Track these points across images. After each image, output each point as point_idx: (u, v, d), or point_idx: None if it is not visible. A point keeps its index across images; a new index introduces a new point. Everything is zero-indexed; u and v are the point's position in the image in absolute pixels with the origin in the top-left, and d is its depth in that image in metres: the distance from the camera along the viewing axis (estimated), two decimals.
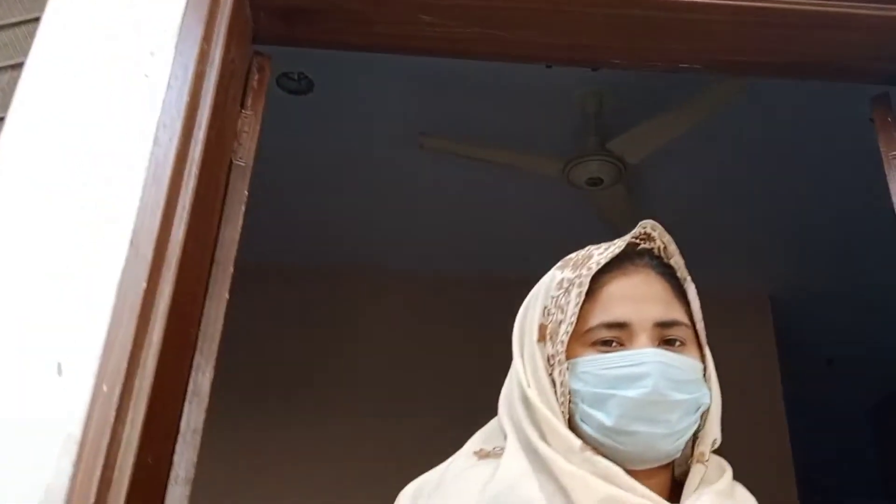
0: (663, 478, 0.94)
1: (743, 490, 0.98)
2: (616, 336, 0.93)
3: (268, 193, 3.18)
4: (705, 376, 0.96)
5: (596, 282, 0.96)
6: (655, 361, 0.90)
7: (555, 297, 0.97)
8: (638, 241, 1.02)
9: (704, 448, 0.94)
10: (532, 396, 0.93)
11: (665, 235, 1.02)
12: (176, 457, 1.18)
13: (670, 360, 0.91)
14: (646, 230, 1.02)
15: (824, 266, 3.67)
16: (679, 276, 1.00)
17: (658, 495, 0.89)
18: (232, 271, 1.32)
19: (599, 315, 0.94)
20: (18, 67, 1.25)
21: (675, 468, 0.97)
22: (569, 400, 0.93)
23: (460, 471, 0.96)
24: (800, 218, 3.40)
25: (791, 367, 3.79)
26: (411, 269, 3.73)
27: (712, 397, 0.96)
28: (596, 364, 0.92)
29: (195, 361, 1.24)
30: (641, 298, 0.95)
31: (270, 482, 3.31)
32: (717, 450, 0.98)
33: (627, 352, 0.92)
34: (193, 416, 1.22)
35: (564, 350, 0.94)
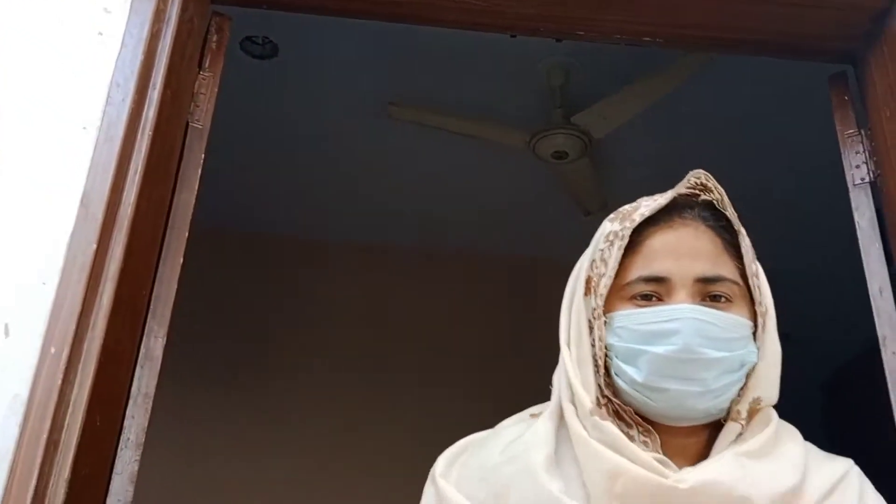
0: (701, 437, 0.91)
1: (791, 444, 0.94)
2: (655, 290, 0.91)
3: (230, 160, 3.17)
4: (756, 334, 0.92)
5: (641, 234, 0.94)
6: (689, 318, 0.87)
7: (601, 251, 0.95)
8: (696, 192, 0.98)
9: (742, 406, 0.91)
10: (564, 354, 0.93)
11: (720, 187, 0.98)
12: (126, 421, 1.17)
13: (707, 317, 0.88)
14: (700, 180, 0.98)
15: (782, 241, 3.71)
16: (735, 229, 0.96)
17: (690, 456, 0.89)
18: (187, 235, 1.31)
19: (639, 269, 0.92)
20: None
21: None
22: (605, 355, 0.92)
23: (503, 428, 0.98)
24: (759, 193, 3.43)
25: None
26: (371, 240, 3.72)
27: (764, 355, 0.92)
28: (631, 319, 0.90)
29: (148, 326, 1.23)
30: (685, 253, 0.92)
31: (220, 447, 3.31)
32: None
33: (662, 307, 0.90)
34: (145, 381, 1.21)
35: (603, 304, 0.92)
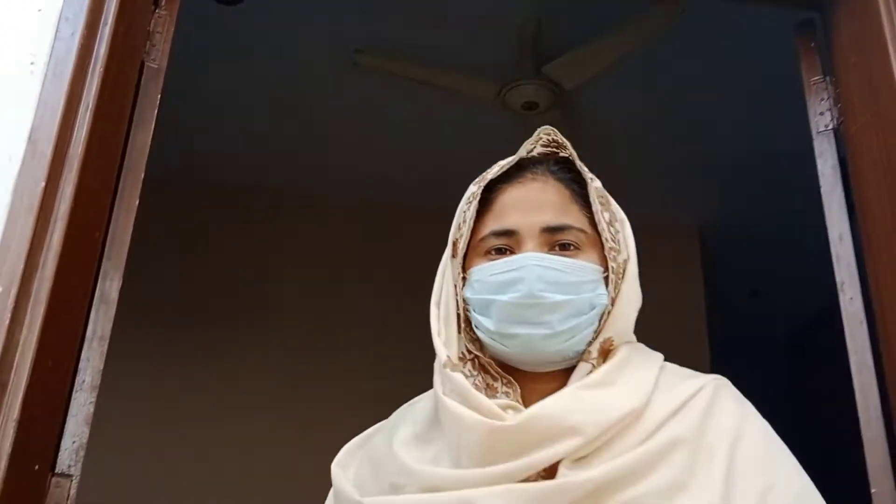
0: (564, 381, 0.93)
1: (643, 370, 0.95)
2: (506, 243, 0.96)
3: (193, 107, 3.12)
4: (609, 278, 0.96)
5: (494, 192, 0.99)
6: (532, 265, 0.92)
7: (463, 212, 1.00)
8: (539, 150, 1.04)
9: (594, 347, 0.94)
10: (432, 313, 0.98)
11: (566, 141, 1.04)
12: (81, 363, 1.16)
13: (550, 263, 0.93)
14: (550, 136, 1.04)
15: (752, 197, 3.73)
16: (584, 179, 1.01)
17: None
18: (143, 177, 1.28)
19: (491, 224, 0.98)
20: None
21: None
22: (464, 309, 0.97)
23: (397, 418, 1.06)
24: (731, 148, 3.44)
25: (716, 298, 3.88)
26: (334, 191, 3.68)
27: (620, 299, 0.96)
28: (484, 272, 0.95)
29: (103, 268, 1.21)
30: (531, 205, 0.97)
31: (181, 391, 3.31)
32: None
33: (509, 258, 0.94)
34: (100, 323, 1.19)
35: (462, 262, 0.98)
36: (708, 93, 3.13)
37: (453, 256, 1.00)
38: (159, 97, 1.33)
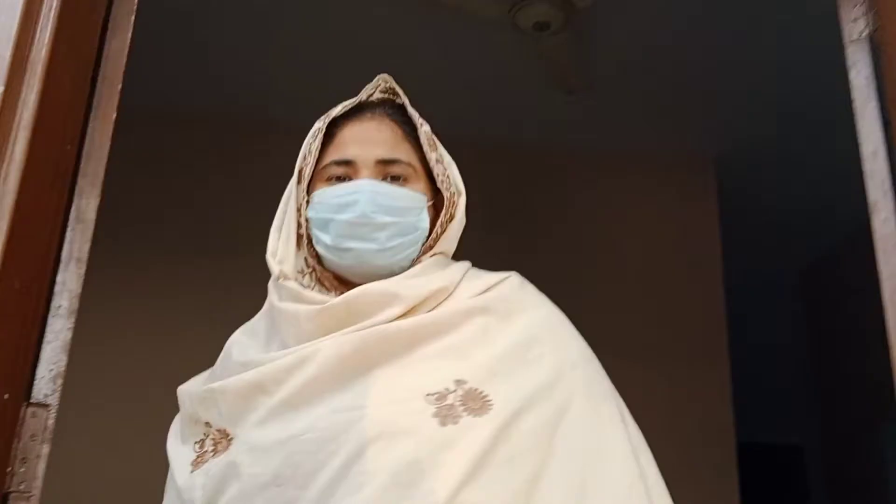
0: None
1: (452, 269, 1.14)
2: (345, 172, 1.13)
3: (176, 30, 2.99)
4: (434, 206, 1.15)
5: (337, 127, 1.15)
6: (367, 190, 1.09)
7: (309, 144, 1.16)
8: (377, 94, 1.21)
9: (424, 258, 1.13)
10: (270, 237, 1.13)
11: (399, 88, 1.21)
12: (57, 287, 1.09)
13: (382, 190, 1.10)
14: (388, 84, 1.22)
15: (770, 126, 3.61)
16: (415, 123, 1.17)
17: None
18: (121, 88, 1.19)
19: (332, 154, 1.14)
20: None
21: None
22: (307, 228, 1.13)
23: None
24: (748, 75, 3.30)
25: (731, 229, 3.79)
26: None
27: (452, 222, 1.14)
28: (325, 194, 1.12)
29: (78, 185, 1.12)
30: (368, 140, 1.13)
31: (161, 317, 3.27)
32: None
33: (348, 183, 1.11)
34: (77, 245, 1.11)
35: (306, 186, 1.14)
36: (727, 17, 2.98)
37: (298, 182, 1.15)
38: (136, 2, 1.23)
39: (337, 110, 1.17)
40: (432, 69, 3.23)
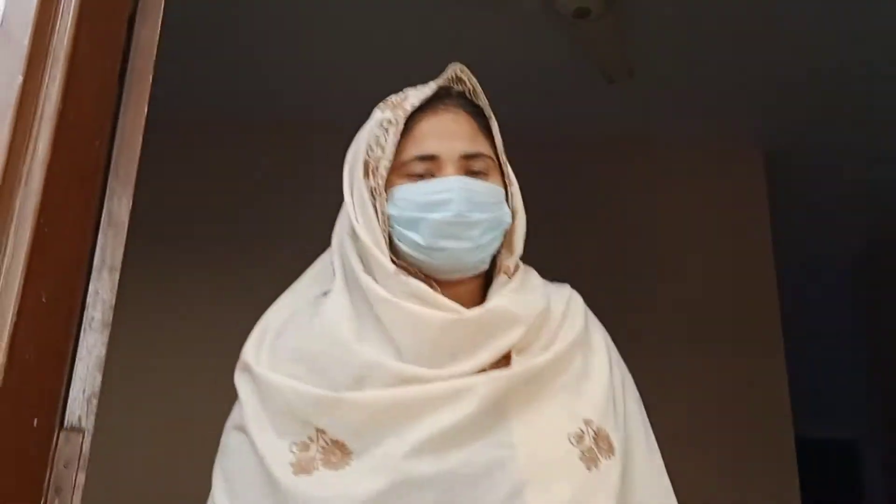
0: (473, 286, 1.10)
1: (534, 280, 1.15)
2: (427, 167, 1.08)
3: (219, 39, 2.91)
4: (508, 201, 1.11)
5: (411, 120, 1.09)
6: (459, 188, 1.05)
7: (377, 136, 1.09)
8: (449, 84, 1.15)
9: (510, 262, 1.11)
10: (359, 229, 1.07)
11: (473, 78, 1.15)
12: (89, 297, 0.99)
13: (472, 186, 1.06)
14: (457, 73, 1.16)
15: (820, 115, 3.46)
16: (486, 115, 1.13)
17: (468, 302, 1.05)
18: (151, 81, 1.10)
19: (413, 149, 1.08)
20: None
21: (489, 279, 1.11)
22: (388, 225, 1.07)
23: (297, 311, 1.12)
24: (799, 67, 3.15)
25: (781, 217, 3.65)
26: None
27: (516, 217, 1.12)
28: (410, 192, 1.07)
29: (109, 186, 1.03)
30: (449, 134, 1.09)
31: (200, 331, 3.10)
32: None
33: (436, 180, 1.06)
34: (110, 251, 1.02)
35: (384, 182, 1.07)
36: (779, 6, 2.83)
37: (365, 176, 1.09)
38: None
39: (411, 101, 1.11)
40: (470, 60, 3.09)
